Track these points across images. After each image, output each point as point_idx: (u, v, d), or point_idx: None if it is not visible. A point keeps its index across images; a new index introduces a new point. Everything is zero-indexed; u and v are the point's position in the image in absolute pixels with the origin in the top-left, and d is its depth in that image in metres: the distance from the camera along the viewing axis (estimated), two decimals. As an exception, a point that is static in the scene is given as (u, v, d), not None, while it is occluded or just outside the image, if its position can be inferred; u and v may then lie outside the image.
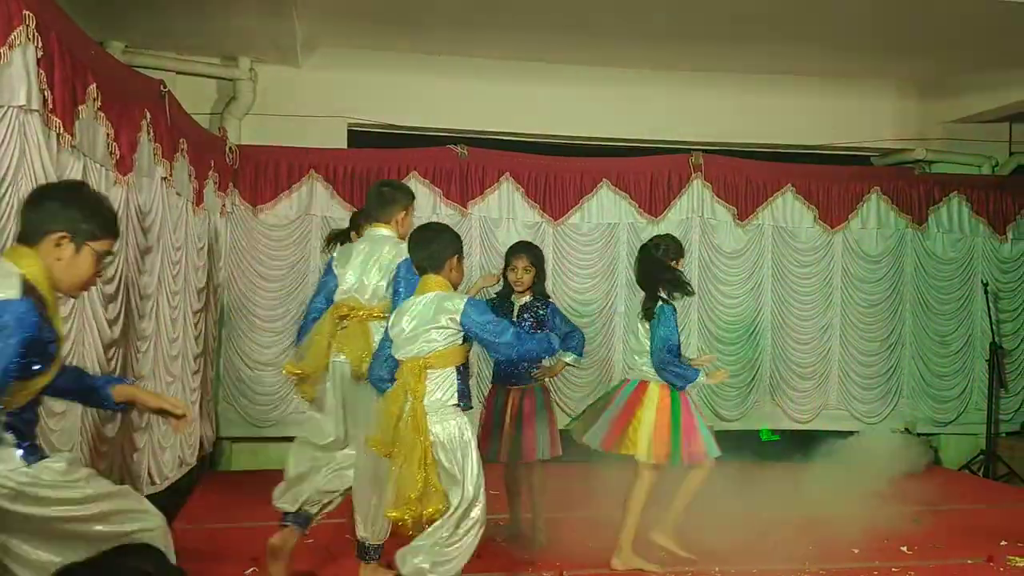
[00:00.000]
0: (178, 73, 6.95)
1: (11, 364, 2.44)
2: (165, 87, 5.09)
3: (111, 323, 4.28)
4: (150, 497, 5.03)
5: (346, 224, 5.39)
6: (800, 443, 7.48)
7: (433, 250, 3.81)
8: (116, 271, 4.33)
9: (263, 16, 6.32)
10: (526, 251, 5.27)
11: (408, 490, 3.55)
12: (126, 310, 4.50)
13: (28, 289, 2.54)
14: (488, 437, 5.09)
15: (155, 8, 6.11)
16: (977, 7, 5.99)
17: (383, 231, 4.43)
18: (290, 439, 7.08)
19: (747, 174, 7.85)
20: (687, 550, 4.92)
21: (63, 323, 3.63)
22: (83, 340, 3.95)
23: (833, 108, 8.13)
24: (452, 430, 3.64)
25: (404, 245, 3.82)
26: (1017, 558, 5.03)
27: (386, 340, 3.83)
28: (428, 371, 3.65)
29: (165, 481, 5.41)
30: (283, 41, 6.81)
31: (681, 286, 4.79)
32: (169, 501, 5.65)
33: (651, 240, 5.05)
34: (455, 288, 3.84)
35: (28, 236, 2.66)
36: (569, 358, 5.17)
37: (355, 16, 6.71)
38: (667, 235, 5.24)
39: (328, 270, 4.48)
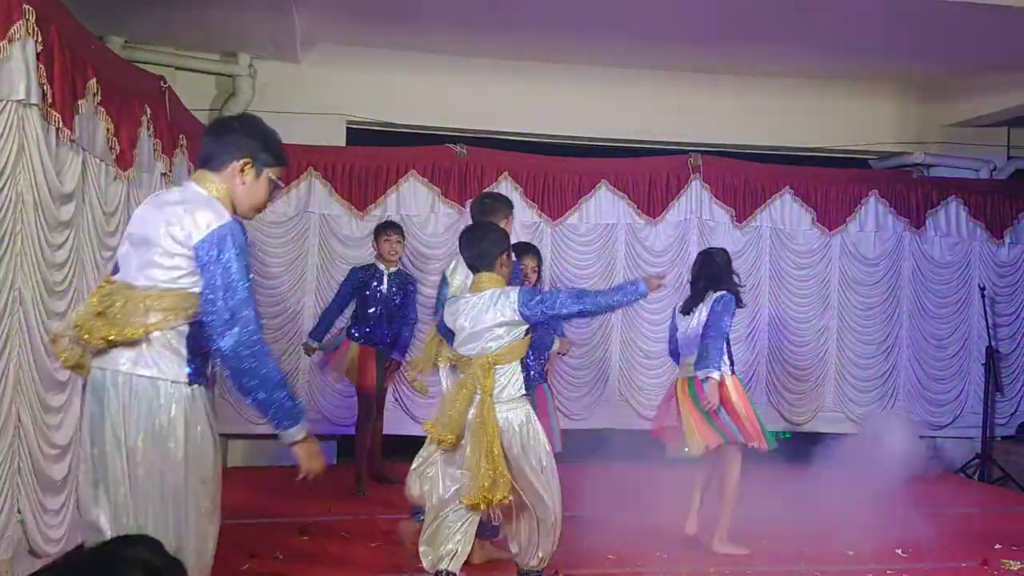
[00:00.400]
0: (177, 69, 6.94)
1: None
2: (165, 83, 5.08)
3: (109, 318, 4.26)
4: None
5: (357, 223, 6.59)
6: (798, 444, 7.47)
7: (484, 248, 3.96)
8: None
9: (263, 13, 6.32)
10: (536, 253, 5.50)
11: (482, 479, 3.70)
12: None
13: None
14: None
15: (155, 3, 6.11)
16: (976, 12, 6.00)
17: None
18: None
19: (745, 176, 7.86)
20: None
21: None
22: (81, 335, 3.93)
23: (832, 110, 8.15)
24: (521, 418, 3.86)
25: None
26: (1011, 562, 5.03)
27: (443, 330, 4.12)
28: (496, 367, 3.81)
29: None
30: (282, 38, 6.80)
31: (739, 295, 5.16)
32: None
33: (717, 249, 5.42)
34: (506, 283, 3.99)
35: (211, 163, 2.77)
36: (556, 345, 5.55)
37: (355, 13, 6.71)
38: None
39: (444, 281, 4.69)
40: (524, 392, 3.94)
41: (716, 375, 4.91)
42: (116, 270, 2.73)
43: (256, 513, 5.77)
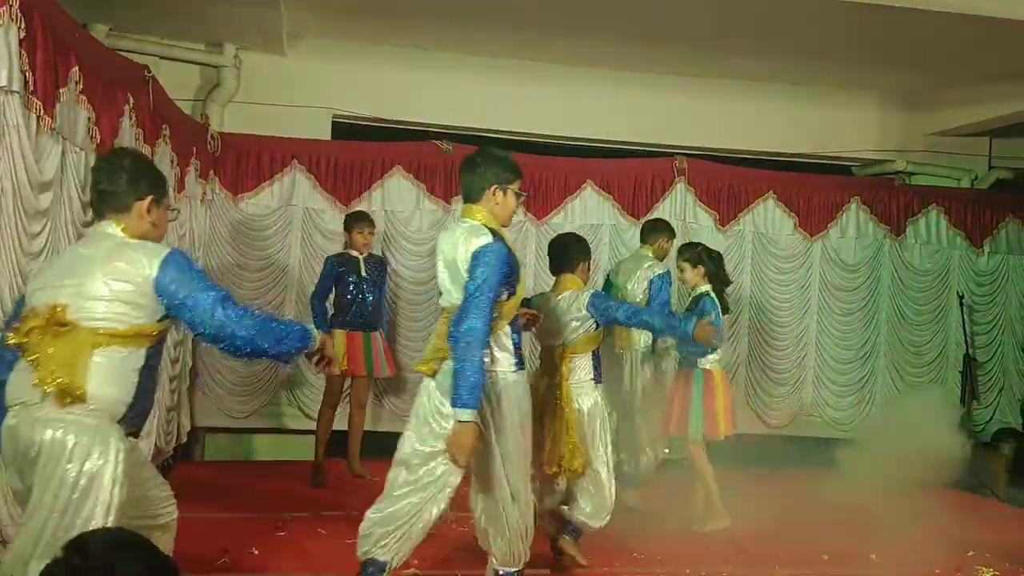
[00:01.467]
0: (162, 58, 6.90)
1: (496, 287, 3.48)
2: (149, 72, 5.04)
3: (87, 309, 4.22)
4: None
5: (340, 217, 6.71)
6: (775, 446, 7.50)
7: (568, 255, 4.78)
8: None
9: (249, 3, 6.29)
10: None
11: (562, 449, 4.42)
12: (103, 296, 4.44)
13: (493, 233, 3.55)
14: None
15: (141, -8, 6.07)
16: (961, 22, 6.05)
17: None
18: (267, 431, 7.14)
19: (729, 180, 7.88)
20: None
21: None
22: (58, 325, 3.89)
23: (817, 117, 8.19)
24: (591, 402, 4.59)
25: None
26: (984, 569, 5.08)
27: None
28: (573, 356, 4.55)
29: (138, 469, 5.35)
30: (269, 29, 6.77)
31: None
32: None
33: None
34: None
35: (471, 195, 3.71)
36: None
37: (342, 7, 6.69)
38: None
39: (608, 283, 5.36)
40: (595, 379, 4.64)
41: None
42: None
43: (232, 507, 5.74)
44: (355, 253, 6.44)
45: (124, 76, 4.68)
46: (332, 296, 6.45)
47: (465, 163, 3.77)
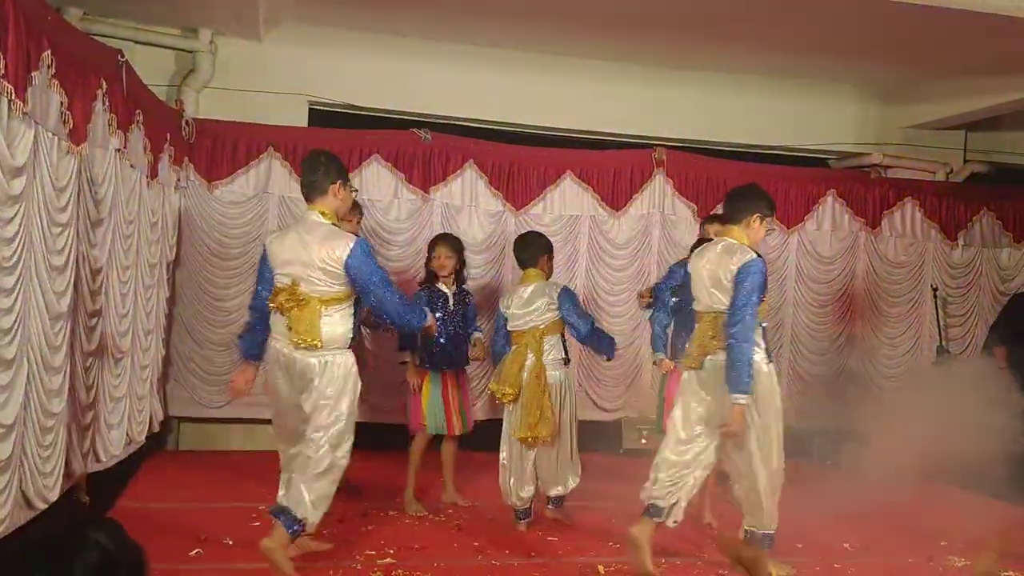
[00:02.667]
0: (136, 43, 6.80)
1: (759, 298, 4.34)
2: (123, 56, 4.96)
3: (59, 296, 4.17)
4: (95, 475, 4.97)
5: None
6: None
7: (530, 252, 5.37)
8: (65, 243, 4.21)
9: (226, -12, 6.20)
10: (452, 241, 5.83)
11: (530, 417, 5.09)
12: (75, 283, 4.39)
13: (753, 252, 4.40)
14: (431, 413, 5.64)
15: (115, -26, 5.97)
16: (937, 16, 6.08)
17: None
18: (241, 421, 7.08)
19: (708, 172, 7.90)
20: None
21: (9, 294, 3.54)
22: (28, 312, 3.84)
23: (794, 110, 8.23)
24: (561, 378, 5.27)
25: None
26: (956, 558, 5.13)
27: (500, 319, 5.41)
28: (544, 337, 5.20)
29: (112, 459, 5.30)
30: (245, 14, 6.68)
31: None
32: (115, 479, 5.57)
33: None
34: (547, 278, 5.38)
35: (734, 218, 4.52)
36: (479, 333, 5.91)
37: (321, -7, 6.61)
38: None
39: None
40: (564, 360, 5.31)
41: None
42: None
43: (206, 497, 5.70)
44: None
45: (98, 60, 4.60)
46: None
47: (734, 192, 4.65)
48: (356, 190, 4.60)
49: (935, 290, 8.02)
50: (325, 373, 4.11)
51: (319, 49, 7.33)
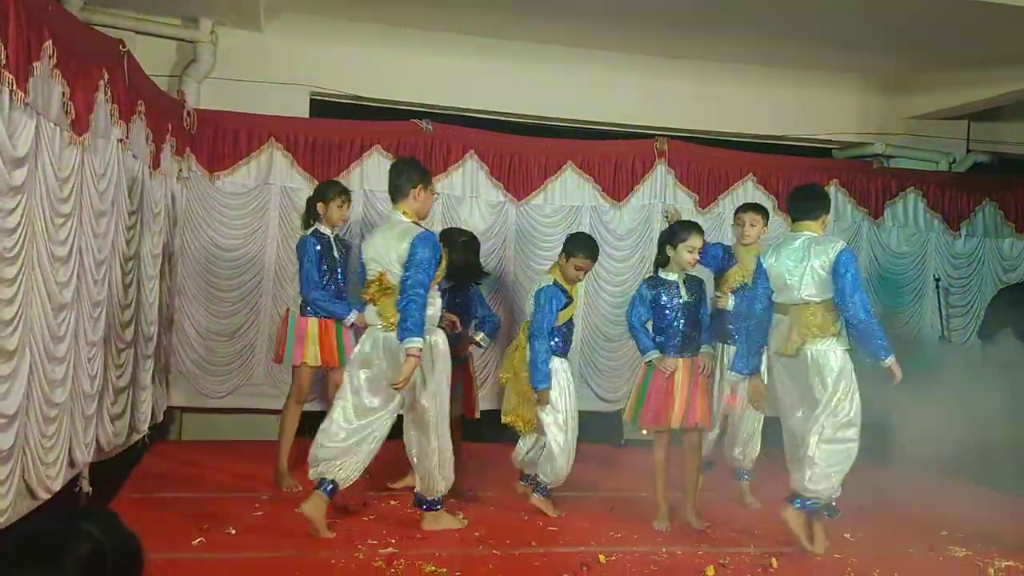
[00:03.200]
0: (137, 33, 6.80)
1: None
2: (124, 47, 4.95)
3: (62, 287, 4.17)
4: (99, 464, 4.98)
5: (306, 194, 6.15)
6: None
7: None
8: (68, 234, 4.22)
9: (227, -22, 6.19)
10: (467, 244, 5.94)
11: (514, 403, 5.43)
12: (78, 274, 4.40)
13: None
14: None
15: (116, -36, 5.96)
16: (941, 5, 6.07)
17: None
18: (243, 411, 7.09)
19: (710, 162, 7.88)
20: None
21: (11, 285, 3.55)
22: (31, 302, 3.85)
23: (797, 100, 8.21)
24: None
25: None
26: (957, 549, 5.14)
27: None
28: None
29: (115, 449, 5.32)
30: (245, 4, 6.68)
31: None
32: (118, 469, 5.58)
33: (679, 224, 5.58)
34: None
35: (809, 215, 4.94)
36: (478, 336, 5.96)
37: (322, -17, 6.60)
38: (683, 222, 5.64)
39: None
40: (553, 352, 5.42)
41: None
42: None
43: (209, 487, 5.72)
44: (326, 230, 5.78)
45: (99, 51, 4.59)
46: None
47: (805, 192, 5.08)
48: (438, 194, 5.29)
49: (937, 280, 8.01)
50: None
51: (320, 39, 7.32)
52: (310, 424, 5.99)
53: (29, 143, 3.70)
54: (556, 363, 5.37)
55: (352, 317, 5.68)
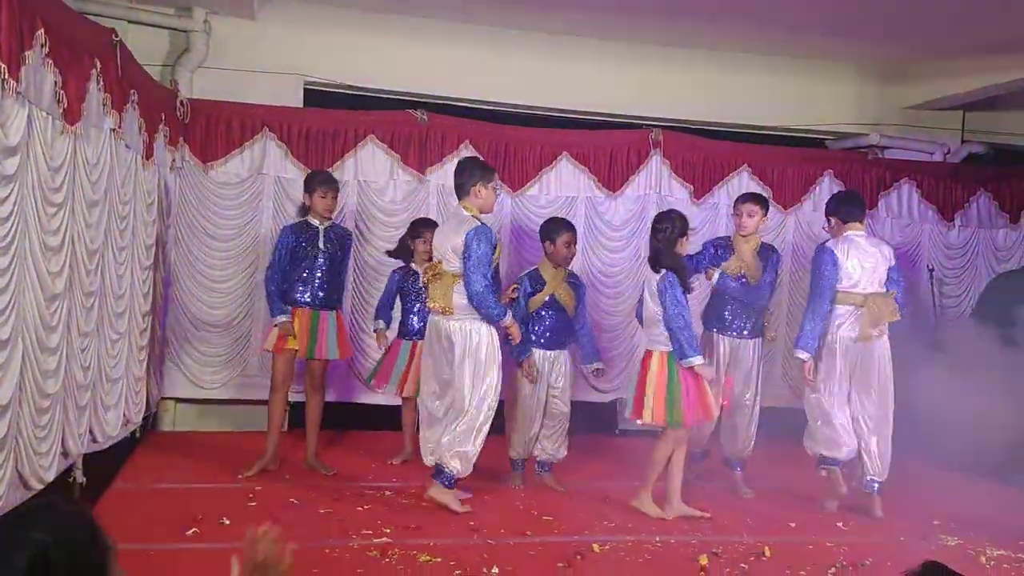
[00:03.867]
0: (130, 22, 6.75)
1: None
2: (117, 36, 4.93)
3: (54, 276, 4.16)
4: (91, 455, 4.98)
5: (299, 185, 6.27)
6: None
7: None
8: (60, 223, 4.21)
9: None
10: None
11: None
12: (71, 264, 4.38)
13: None
14: (394, 375, 6.23)
15: (108, -47, 5.91)
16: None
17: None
18: (236, 402, 7.09)
19: (705, 153, 7.87)
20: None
21: (3, 275, 3.54)
22: (23, 291, 3.83)
23: (792, 90, 8.19)
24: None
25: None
26: (949, 537, 5.17)
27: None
28: None
29: (109, 439, 5.32)
30: (239, -6, 6.64)
31: (679, 271, 5.21)
32: (111, 460, 5.58)
33: (657, 216, 5.48)
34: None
35: (858, 218, 5.74)
36: None
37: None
38: (672, 212, 5.51)
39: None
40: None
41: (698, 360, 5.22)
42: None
43: (203, 478, 5.72)
44: (316, 222, 5.88)
45: (91, 40, 4.57)
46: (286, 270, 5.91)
47: (853, 195, 5.95)
48: (499, 191, 5.78)
49: (931, 271, 8.02)
50: (456, 335, 5.11)
51: (314, 28, 7.28)
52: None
53: (21, 132, 3.68)
54: (536, 354, 5.72)
55: (279, 319, 5.76)
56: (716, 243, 6.11)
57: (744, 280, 5.85)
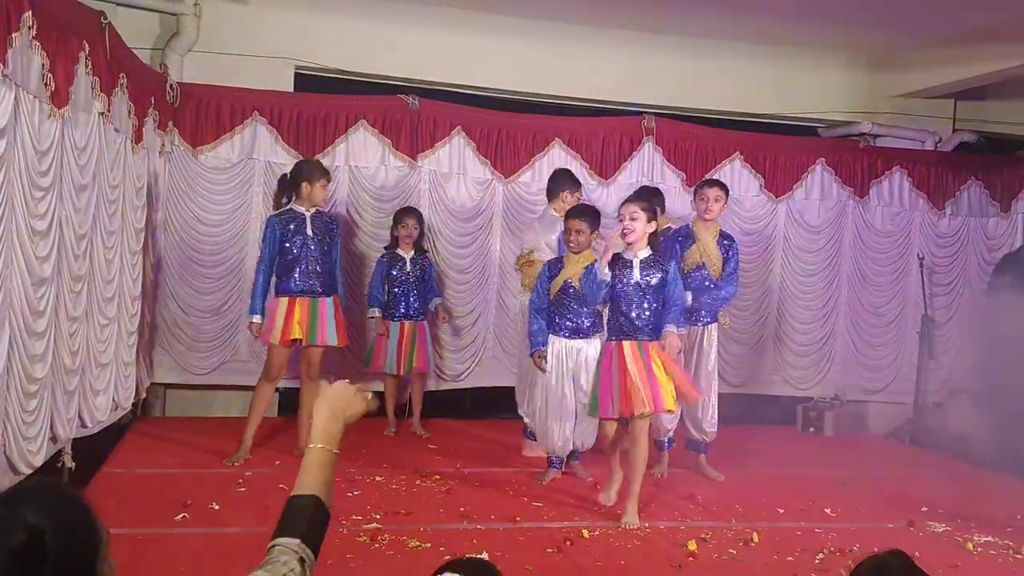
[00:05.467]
0: (119, 5, 6.68)
1: None
2: (106, 19, 4.89)
3: (41, 261, 4.14)
4: (81, 441, 4.97)
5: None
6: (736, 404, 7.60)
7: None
8: (48, 207, 4.18)
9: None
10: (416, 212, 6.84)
11: None
12: (58, 248, 4.36)
13: None
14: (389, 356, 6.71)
15: (96, -65, 5.85)
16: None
17: None
18: (227, 387, 7.08)
19: (697, 140, 7.87)
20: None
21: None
22: (10, 276, 3.81)
23: (784, 78, 8.18)
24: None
25: None
26: (936, 524, 5.20)
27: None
28: None
29: (98, 424, 5.30)
30: (230, -23, 6.58)
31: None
32: (101, 445, 5.57)
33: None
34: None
35: None
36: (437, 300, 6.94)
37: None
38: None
39: None
40: None
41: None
42: None
43: (192, 463, 5.72)
44: (302, 209, 5.81)
45: (80, 22, 4.53)
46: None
47: None
48: (581, 198, 6.24)
49: (921, 259, 8.04)
50: None
51: (305, 12, 7.23)
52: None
53: (7, 115, 3.66)
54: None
55: (254, 318, 5.77)
56: (677, 235, 5.94)
57: (704, 271, 5.81)
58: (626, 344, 4.94)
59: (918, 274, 8.02)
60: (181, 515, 4.59)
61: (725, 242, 5.93)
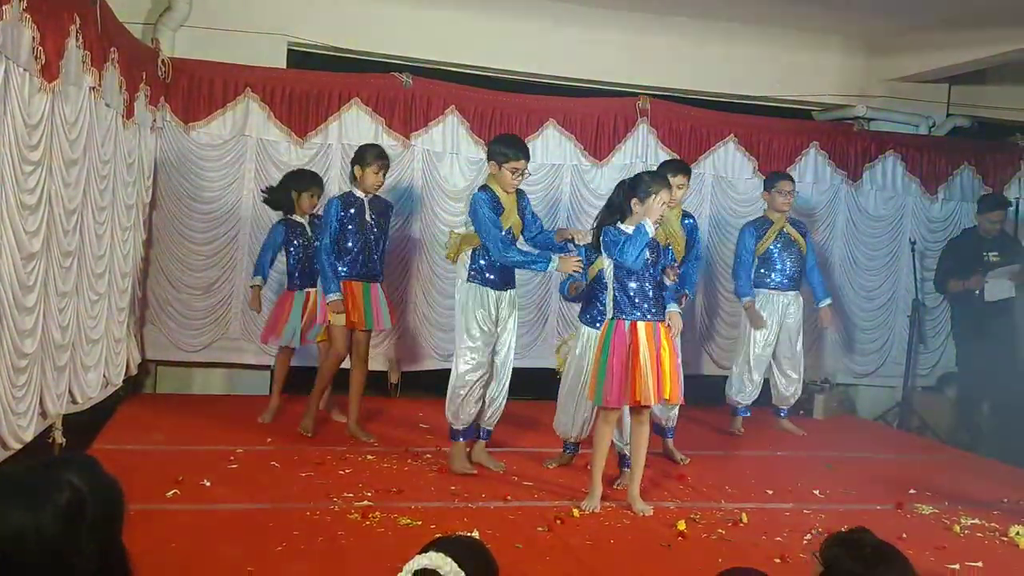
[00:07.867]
0: (110, -22, 6.62)
1: None
2: (97, -8, 4.84)
3: (31, 236, 4.11)
4: (72, 417, 4.96)
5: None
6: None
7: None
8: (38, 182, 4.15)
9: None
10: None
11: None
12: (48, 223, 4.33)
13: None
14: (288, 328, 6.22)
15: (87, -94, 5.77)
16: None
17: None
18: (218, 365, 7.07)
19: (692, 122, 7.85)
20: None
21: None
22: None
23: (779, 60, 8.15)
24: None
25: None
26: (924, 506, 5.24)
27: None
28: None
29: (89, 401, 5.29)
30: (223, -48, 6.52)
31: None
32: (91, 421, 5.56)
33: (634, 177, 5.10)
34: None
35: None
36: None
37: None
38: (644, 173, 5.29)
39: None
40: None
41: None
42: None
43: (184, 440, 5.71)
44: (360, 193, 5.87)
45: (70, -5, 4.48)
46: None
47: None
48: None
49: (913, 243, 8.06)
50: None
51: (298, -11, 7.17)
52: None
53: (-3, 88, 3.62)
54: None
55: (331, 297, 5.70)
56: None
57: (670, 250, 5.69)
58: (640, 325, 4.76)
59: (910, 258, 8.03)
60: (172, 491, 4.59)
61: (687, 221, 5.94)
